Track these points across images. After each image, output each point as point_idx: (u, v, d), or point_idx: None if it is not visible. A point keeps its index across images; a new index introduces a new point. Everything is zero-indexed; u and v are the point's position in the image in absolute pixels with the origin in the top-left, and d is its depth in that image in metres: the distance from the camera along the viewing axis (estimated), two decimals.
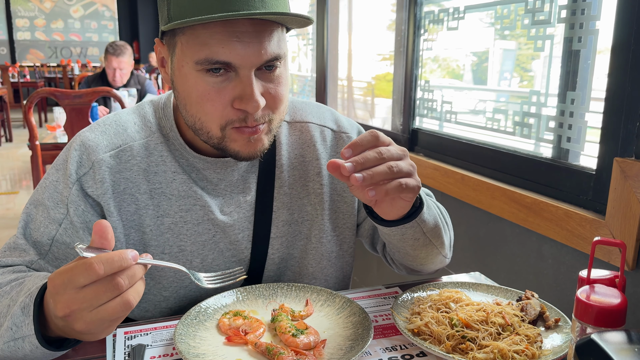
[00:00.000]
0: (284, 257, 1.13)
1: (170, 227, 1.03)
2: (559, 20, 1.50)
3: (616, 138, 1.27)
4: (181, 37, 0.88)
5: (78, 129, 2.84)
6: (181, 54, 0.89)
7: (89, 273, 0.67)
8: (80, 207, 0.98)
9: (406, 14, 2.29)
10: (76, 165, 0.98)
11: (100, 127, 1.03)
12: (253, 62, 0.87)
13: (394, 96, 2.46)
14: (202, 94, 0.89)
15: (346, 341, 0.90)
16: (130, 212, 1.01)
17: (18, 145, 8.03)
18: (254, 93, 0.88)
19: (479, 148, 1.85)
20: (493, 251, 1.73)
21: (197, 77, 0.88)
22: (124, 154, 1.00)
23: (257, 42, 0.86)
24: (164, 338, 0.92)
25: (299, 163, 1.13)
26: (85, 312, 0.69)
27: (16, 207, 4.90)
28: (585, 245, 1.33)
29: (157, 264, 0.77)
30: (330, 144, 1.15)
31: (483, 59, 2.14)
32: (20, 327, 0.77)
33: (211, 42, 0.85)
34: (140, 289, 0.73)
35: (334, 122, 1.18)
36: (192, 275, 0.85)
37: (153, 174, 1.01)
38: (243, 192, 1.07)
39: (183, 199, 1.03)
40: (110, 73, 4.24)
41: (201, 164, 1.03)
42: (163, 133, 1.03)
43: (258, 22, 0.86)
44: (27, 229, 0.99)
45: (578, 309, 0.71)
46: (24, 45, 12.69)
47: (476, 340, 0.87)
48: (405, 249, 1.05)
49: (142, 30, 12.76)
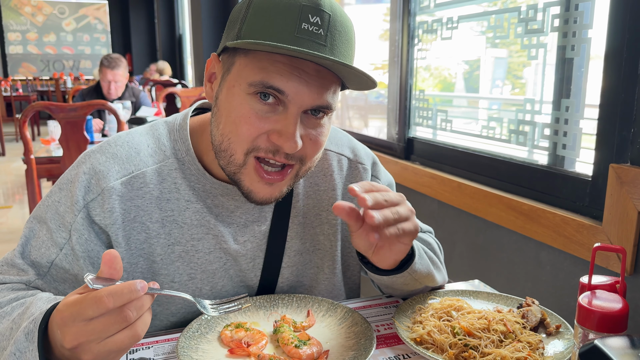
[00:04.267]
0: (293, 285, 1.12)
1: (180, 256, 1.00)
2: (552, 29, 1.52)
3: (611, 144, 1.29)
4: (242, 58, 0.87)
5: (73, 142, 2.83)
6: (237, 73, 0.88)
7: (98, 306, 0.67)
8: (84, 237, 0.94)
9: (400, 24, 2.31)
10: (84, 190, 0.94)
11: (111, 148, 0.98)
12: (305, 101, 0.86)
13: (389, 105, 2.47)
14: (243, 115, 0.86)
15: (349, 351, 0.90)
16: (140, 241, 0.97)
17: (11, 159, 7.99)
18: (295, 132, 0.86)
19: (475, 156, 1.86)
20: (491, 259, 1.74)
21: (244, 98, 0.86)
22: (136, 180, 0.96)
23: (316, 85, 0.85)
24: (166, 351, 0.91)
25: (313, 192, 1.11)
26: (93, 343, 0.69)
27: (9, 222, 4.87)
28: (583, 252, 1.34)
29: (165, 293, 0.77)
30: (346, 173, 1.14)
31: (475, 67, 2.16)
32: (24, 352, 0.76)
33: (271, 69, 0.84)
34: (147, 320, 0.72)
35: (350, 150, 1.16)
36: (198, 303, 0.84)
37: (165, 201, 0.98)
38: (258, 221, 1.05)
39: (196, 227, 1.00)
40: (105, 86, 4.23)
41: (219, 190, 1.00)
42: (178, 157, 0.99)
43: (322, 69, 0.85)
44: (27, 246, 0.97)
45: (580, 315, 0.72)
46: (16, 59, 12.66)
47: (479, 348, 0.88)
48: (394, 287, 1.07)
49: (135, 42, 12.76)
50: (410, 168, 2.17)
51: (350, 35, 0.88)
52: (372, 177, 1.16)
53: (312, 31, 0.82)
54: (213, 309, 0.86)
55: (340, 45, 0.85)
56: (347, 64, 0.80)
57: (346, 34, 0.87)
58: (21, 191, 6.08)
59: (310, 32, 0.82)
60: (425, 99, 2.26)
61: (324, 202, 1.11)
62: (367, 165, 1.16)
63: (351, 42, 0.89)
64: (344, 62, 0.80)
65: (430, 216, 2.06)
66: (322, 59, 0.79)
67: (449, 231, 1.95)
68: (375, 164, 1.18)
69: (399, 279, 1.00)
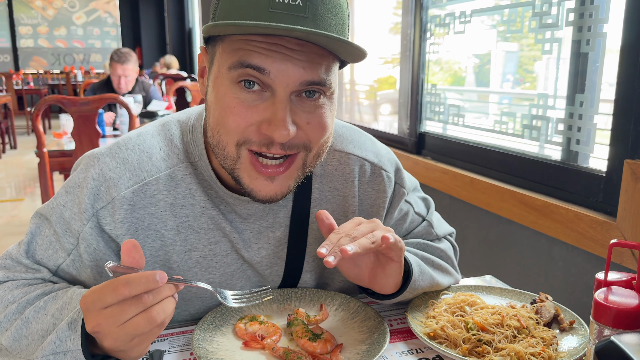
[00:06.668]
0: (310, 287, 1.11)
1: (198, 261, 0.98)
2: (567, 24, 1.50)
3: (626, 140, 1.28)
4: (221, 45, 0.82)
5: (85, 136, 2.85)
6: (218, 62, 0.82)
7: (116, 294, 0.69)
8: (92, 246, 0.90)
9: (412, 18, 2.30)
10: (93, 198, 0.89)
11: (122, 152, 0.92)
12: (290, 79, 0.78)
13: (400, 100, 2.46)
14: (227, 105, 0.81)
15: (362, 345, 0.90)
16: (155, 248, 0.94)
17: (22, 152, 8.06)
18: (284, 118, 0.79)
19: (488, 151, 1.85)
20: (503, 254, 1.73)
21: (229, 88, 0.80)
22: (148, 188, 0.91)
23: (300, 59, 0.77)
24: (181, 343, 0.92)
25: (333, 197, 1.05)
26: (112, 327, 0.70)
27: (21, 214, 4.92)
28: (597, 247, 1.33)
29: (186, 283, 0.77)
30: (368, 179, 1.07)
31: (485, 61, 2.15)
32: (65, 341, 0.77)
33: (248, 47, 0.77)
34: (167, 307, 0.73)
35: (374, 155, 1.09)
36: (219, 294, 0.84)
37: (180, 207, 0.94)
38: (272, 227, 1.01)
39: (212, 231, 0.97)
40: (115, 80, 4.25)
41: (231, 199, 0.95)
42: (191, 161, 0.94)
43: (305, 43, 0.77)
44: (32, 244, 0.94)
45: (596, 311, 0.72)
46: (27, 53, 12.74)
47: (492, 343, 0.88)
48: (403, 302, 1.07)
49: (145, 36, 12.80)
50: (422, 163, 2.16)
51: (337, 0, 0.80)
52: (395, 185, 1.10)
53: (289, 3, 0.75)
54: (235, 300, 0.86)
55: (325, 13, 0.77)
56: (324, 33, 0.73)
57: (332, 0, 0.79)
58: (32, 184, 6.13)
59: (287, 5, 0.75)
60: (437, 93, 2.25)
61: (343, 209, 1.07)
62: (391, 174, 1.09)
63: (339, 8, 0.80)
64: (320, 32, 0.72)
65: (442, 211, 2.06)
66: (293, 31, 0.72)
67: (461, 226, 1.95)
68: (399, 171, 1.12)
69: (404, 297, 1.00)
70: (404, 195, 1.11)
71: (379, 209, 1.08)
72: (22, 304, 0.87)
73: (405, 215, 1.13)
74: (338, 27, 0.80)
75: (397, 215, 1.12)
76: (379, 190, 1.07)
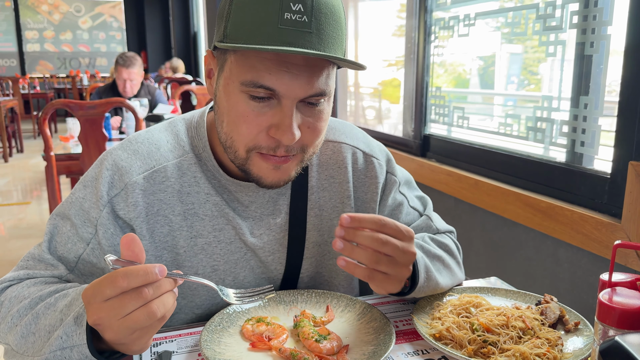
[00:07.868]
0: (313, 277, 1.14)
1: (203, 248, 1.03)
2: (571, 26, 1.51)
3: (630, 142, 1.28)
4: (232, 56, 0.88)
5: (92, 139, 2.87)
6: (229, 71, 0.89)
7: (114, 286, 0.70)
8: (110, 231, 0.96)
9: (416, 21, 2.31)
10: (108, 186, 0.97)
11: (132, 145, 1.01)
12: (297, 94, 0.87)
13: (405, 102, 2.47)
14: (240, 114, 0.88)
15: (368, 346, 0.91)
16: (164, 234, 1.00)
17: (29, 156, 8.11)
18: (291, 125, 0.87)
19: (492, 153, 1.86)
20: (508, 256, 1.73)
21: (239, 97, 0.88)
22: (157, 175, 0.99)
23: (305, 75, 0.85)
24: (189, 345, 0.93)
25: (329, 184, 1.12)
26: (113, 320, 0.72)
27: (28, 217, 4.95)
28: (602, 249, 1.33)
29: (186, 279, 0.78)
30: (361, 167, 1.14)
31: (489, 63, 2.16)
32: (71, 336, 0.79)
33: (260, 67, 0.84)
34: (167, 301, 0.74)
35: (365, 144, 1.17)
36: (220, 291, 0.86)
37: (186, 194, 1.01)
38: (273, 214, 1.07)
39: (216, 218, 1.03)
40: (121, 84, 4.27)
41: (233, 187, 1.03)
42: (196, 153, 1.02)
43: (310, 58, 0.85)
44: (52, 242, 0.99)
45: (601, 312, 0.72)
46: (33, 57, 12.81)
47: (497, 344, 0.88)
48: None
49: (150, 40, 12.85)
50: (427, 165, 2.17)
51: (337, 15, 0.87)
52: (387, 174, 1.16)
53: (296, 19, 0.82)
54: (237, 298, 0.88)
55: (327, 27, 0.85)
56: (332, 56, 0.82)
57: (333, 15, 0.86)
58: (39, 187, 6.17)
59: (294, 21, 0.82)
60: (442, 95, 2.26)
61: (340, 195, 1.12)
62: (382, 161, 1.16)
63: (339, 22, 0.88)
64: (329, 55, 0.81)
65: (447, 213, 2.06)
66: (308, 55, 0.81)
67: (466, 228, 1.95)
68: (390, 161, 1.18)
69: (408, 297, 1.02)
70: (395, 183, 1.16)
71: (373, 195, 1.14)
72: (34, 300, 0.89)
73: (400, 206, 1.17)
74: (338, 39, 0.88)
75: (392, 203, 1.16)
76: (371, 177, 1.14)
